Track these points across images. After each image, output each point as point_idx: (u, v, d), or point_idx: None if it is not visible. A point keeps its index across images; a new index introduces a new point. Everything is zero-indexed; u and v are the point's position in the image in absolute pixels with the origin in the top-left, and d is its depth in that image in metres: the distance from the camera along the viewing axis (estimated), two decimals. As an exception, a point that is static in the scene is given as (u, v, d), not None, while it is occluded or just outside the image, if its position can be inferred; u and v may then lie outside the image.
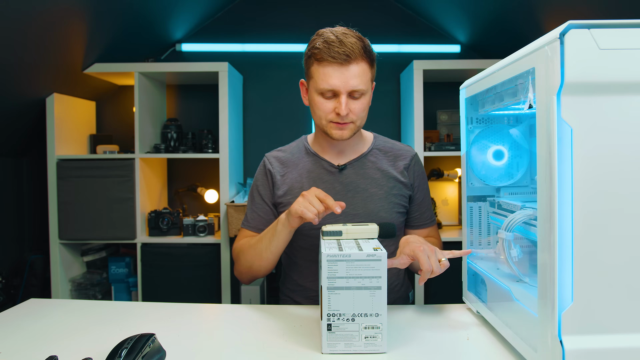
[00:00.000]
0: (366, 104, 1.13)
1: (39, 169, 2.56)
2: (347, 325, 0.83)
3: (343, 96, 1.08)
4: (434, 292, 2.42)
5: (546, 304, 0.68)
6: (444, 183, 2.77)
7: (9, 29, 1.72)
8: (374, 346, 0.83)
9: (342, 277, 0.82)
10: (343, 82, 1.07)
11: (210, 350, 0.86)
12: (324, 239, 0.94)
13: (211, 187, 2.70)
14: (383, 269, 0.82)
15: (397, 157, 1.26)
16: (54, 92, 2.30)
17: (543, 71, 0.68)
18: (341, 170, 1.22)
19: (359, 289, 0.82)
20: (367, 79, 1.10)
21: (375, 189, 1.21)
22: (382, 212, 1.20)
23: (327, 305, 0.83)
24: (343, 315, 0.83)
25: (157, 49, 2.77)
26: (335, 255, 0.82)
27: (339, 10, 2.82)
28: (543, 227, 0.68)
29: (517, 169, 1.00)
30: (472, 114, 1.08)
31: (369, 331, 0.83)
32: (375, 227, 0.96)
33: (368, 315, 0.83)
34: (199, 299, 2.34)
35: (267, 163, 1.29)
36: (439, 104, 2.71)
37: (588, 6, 1.83)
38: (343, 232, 0.94)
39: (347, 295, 0.82)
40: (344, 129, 1.13)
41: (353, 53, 1.05)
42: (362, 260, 0.82)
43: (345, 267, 0.82)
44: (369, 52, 1.10)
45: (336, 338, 0.83)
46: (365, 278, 0.82)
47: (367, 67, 1.09)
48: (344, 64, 1.06)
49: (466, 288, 1.08)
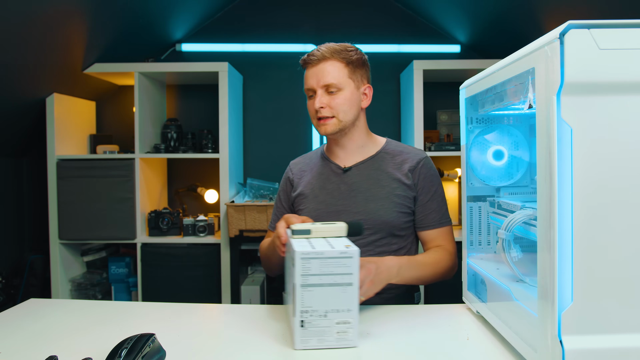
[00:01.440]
0: (345, 98, 1.22)
1: (39, 169, 2.56)
2: (320, 321, 0.85)
3: (318, 91, 1.21)
4: (434, 292, 2.42)
5: (546, 304, 0.68)
6: (444, 183, 2.77)
7: (9, 29, 1.72)
8: (345, 340, 0.85)
9: (315, 275, 0.84)
10: (316, 80, 1.22)
11: (210, 350, 0.86)
12: (293, 238, 0.95)
13: (211, 187, 2.70)
14: (354, 265, 0.84)
15: (404, 160, 1.29)
16: (54, 92, 2.30)
17: (543, 71, 0.68)
18: (346, 172, 1.29)
19: (331, 286, 0.84)
20: (341, 74, 1.21)
21: (377, 190, 1.25)
22: (381, 211, 1.23)
23: (301, 302, 0.84)
24: (316, 311, 0.85)
25: (157, 49, 2.77)
26: (309, 253, 0.84)
27: (339, 10, 2.82)
28: (543, 227, 0.68)
29: (517, 169, 1.00)
30: (472, 114, 1.08)
31: (341, 326, 0.85)
32: (344, 225, 0.98)
33: (340, 310, 0.85)
34: (199, 299, 2.34)
35: (289, 170, 1.43)
36: (439, 104, 2.71)
37: (588, 6, 1.83)
38: (312, 231, 0.96)
39: (320, 292, 0.84)
40: (326, 124, 1.23)
41: (322, 53, 1.21)
42: (335, 258, 0.84)
43: (318, 264, 0.84)
44: (345, 52, 1.22)
45: (309, 334, 0.85)
46: (337, 275, 0.84)
47: (340, 64, 1.22)
48: (316, 64, 1.22)
49: (466, 288, 1.08)
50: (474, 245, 1.09)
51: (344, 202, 1.26)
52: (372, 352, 0.85)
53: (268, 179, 2.61)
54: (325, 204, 1.28)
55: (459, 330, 0.95)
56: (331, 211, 1.27)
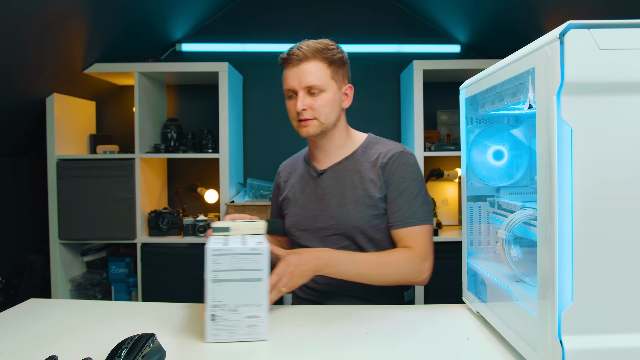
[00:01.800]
0: (327, 100, 1.19)
1: (39, 169, 2.56)
2: (230, 315, 0.88)
3: (300, 93, 1.18)
4: (434, 292, 2.42)
5: (546, 304, 0.68)
6: (444, 183, 2.77)
7: (9, 28, 1.72)
8: (255, 334, 0.88)
9: (226, 270, 0.87)
10: (297, 80, 1.18)
11: (210, 350, 0.86)
12: (213, 235, 0.99)
13: (211, 187, 2.70)
14: (264, 262, 0.88)
15: (377, 157, 1.24)
16: (54, 92, 2.30)
17: (543, 71, 0.68)
18: (320, 175, 1.28)
19: (241, 281, 0.87)
20: (324, 75, 1.18)
21: (349, 192, 1.23)
22: (352, 214, 1.21)
23: (212, 297, 0.87)
24: (226, 305, 0.88)
25: (157, 49, 2.77)
26: (220, 249, 0.87)
27: (339, 10, 2.82)
28: (543, 227, 0.68)
29: (517, 169, 1.00)
30: (472, 114, 1.08)
31: (251, 320, 0.88)
32: (263, 223, 1.02)
33: (250, 305, 0.88)
34: (199, 299, 2.34)
35: (278, 174, 1.43)
36: (439, 104, 2.71)
37: (588, 6, 1.83)
38: (231, 228, 1.00)
39: (230, 287, 0.87)
40: (307, 125, 1.20)
41: (304, 53, 1.18)
42: (245, 254, 0.87)
43: (229, 260, 0.87)
44: (327, 52, 1.19)
45: (219, 327, 0.88)
46: (247, 271, 0.87)
47: (322, 64, 1.19)
48: (297, 64, 1.18)
49: (466, 288, 1.08)
50: (474, 245, 1.09)
51: (319, 206, 1.26)
52: (372, 352, 0.85)
53: (268, 179, 2.61)
54: (303, 209, 1.28)
55: (459, 330, 0.95)
56: (309, 215, 1.27)
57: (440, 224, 2.52)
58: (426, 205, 1.22)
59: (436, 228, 2.45)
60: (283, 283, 1.02)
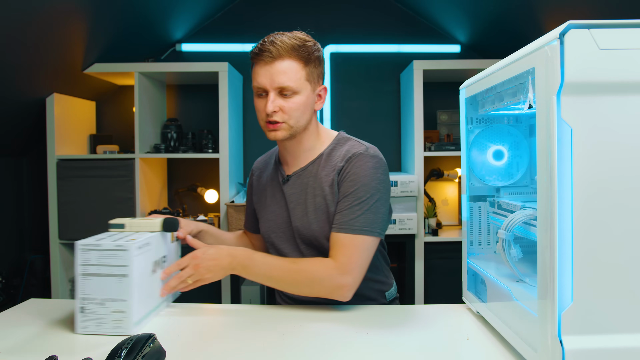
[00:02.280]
0: (300, 103, 1.10)
1: (39, 169, 2.56)
2: (98, 309, 0.91)
3: (271, 93, 1.08)
4: (434, 292, 2.42)
5: (546, 304, 0.68)
6: (444, 183, 2.77)
7: (9, 28, 1.72)
8: (121, 328, 0.91)
9: (94, 265, 0.91)
10: (269, 80, 1.08)
11: (210, 350, 0.86)
12: (109, 230, 1.04)
13: (211, 187, 2.70)
14: (129, 258, 0.90)
15: (337, 160, 1.14)
16: (54, 92, 2.30)
17: (543, 71, 0.68)
18: (285, 183, 1.20)
19: (108, 276, 0.91)
20: (298, 76, 1.08)
21: (310, 201, 1.14)
22: (314, 224, 1.12)
23: (81, 290, 0.91)
24: (94, 299, 0.91)
25: (157, 49, 2.77)
26: (88, 244, 0.91)
27: (339, 10, 2.82)
28: (543, 227, 0.68)
29: (517, 169, 1.00)
30: (472, 114, 1.08)
31: (117, 314, 0.91)
32: (158, 221, 1.05)
33: (116, 300, 0.91)
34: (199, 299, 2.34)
35: (251, 172, 1.36)
36: (439, 104, 2.71)
37: (588, 6, 1.83)
38: (126, 225, 1.04)
39: (97, 281, 0.91)
40: (277, 129, 1.11)
41: (278, 50, 1.07)
42: (111, 250, 0.90)
43: (96, 255, 0.90)
44: (303, 50, 1.09)
45: (88, 320, 0.91)
46: (113, 266, 0.90)
47: (297, 64, 1.08)
48: (269, 62, 1.07)
49: (466, 288, 1.08)
50: (474, 245, 1.09)
51: (287, 213, 1.19)
52: (372, 352, 0.85)
53: (268, 179, 2.61)
54: (274, 214, 1.22)
55: (459, 330, 0.95)
56: (279, 222, 1.20)
57: (440, 224, 2.52)
58: (372, 215, 1.07)
59: (436, 228, 2.45)
60: (187, 274, 1.04)
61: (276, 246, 1.22)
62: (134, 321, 0.91)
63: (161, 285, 1.06)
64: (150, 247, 0.99)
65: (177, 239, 1.17)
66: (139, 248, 0.93)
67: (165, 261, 1.08)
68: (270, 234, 1.22)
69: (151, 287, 1.00)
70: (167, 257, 1.10)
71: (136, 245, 0.92)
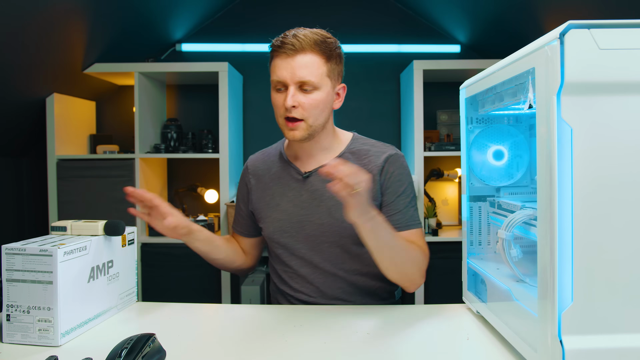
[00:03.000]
0: (319, 100, 1.08)
1: (39, 169, 2.56)
2: (24, 317, 0.87)
3: (291, 87, 1.06)
4: (434, 292, 2.42)
5: (546, 304, 0.68)
6: (444, 183, 2.77)
7: (9, 28, 1.72)
8: (47, 339, 0.86)
9: (19, 270, 0.86)
10: (290, 73, 1.06)
11: (210, 350, 0.86)
12: (51, 233, 1.00)
13: (211, 187, 2.70)
14: (54, 264, 0.85)
15: (370, 159, 1.16)
16: (54, 92, 2.30)
17: (543, 71, 0.68)
18: (306, 178, 1.17)
19: (33, 283, 0.86)
20: (320, 72, 1.07)
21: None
22: (345, 222, 1.08)
23: (7, 296, 0.87)
24: (20, 307, 0.87)
25: (157, 49, 2.77)
26: (13, 248, 0.86)
27: (339, 11, 2.82)
28: (543, 227, 0.68)
29: (517, 169, 1.00)
30: (472, 114, 1.08)
31: (42, 324, 0.86)
32: (101, 223, 1.01)
33: (41, 308, 0.86)
34: (199, 299, 2.34)
35: (248, 167, 1.29)
36: (439, 104, 2.71)
37: (588, 6, 1.83)
38: (67, 228, 1.00)
39: (22, 287, 0.86)
40: (295, 128, 1.09)
41: (301, 43, 1.05)
42: (35, 255, 0.86)
43: (21, 260, 0.86)
44: (325, 45, 1.07)
45: (14, 328, 0.87)
46: (38, 272, 0.86)
47: (319, 60, 1.07)
48: (291, 55, 1.05)
49: (466, 288, 1.08)
50: (474, 245, 1.09)
51: (306, 211, 1.16)
52: (372, 352, 0.85)
53: (268, 179, 2.61)
54: (287, 214, 1.18)
55: (459, 330, 0.95)
56: (294, 221, 1.17)
57: (440, 224, 2.52)
58: (417, 209, 1.19)
59: (436, 228, 2.45)
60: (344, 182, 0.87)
61: (288, 246, 1.19)
62: (61, 332, 0.87)
63: (105, 293, 1.01)
64: (86, 252, 0.94)
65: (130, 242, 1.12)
66: (67, 253, 0.88)
67: (112, 266, 1.04)
68: (282, 234, 1.18)
69: (88, 295, 0.95)
70: (116, 262, 1.05)
71: (63, 251, 0.87)
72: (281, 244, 1.20)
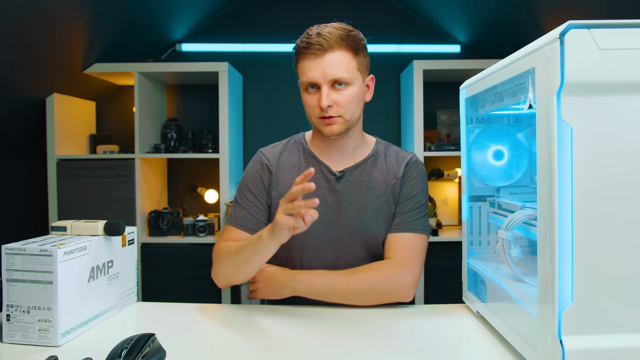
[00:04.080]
0: (354, 95, 1.08)
1: (39, 169, 2.56)
2: (24, 317, 0.87)
3: (324, 87, 1.05)
4: (434, 292, 2.42)
5: (546, 304, 0.68)
6: (444, 183, 2.77)
7: (9, 28, 1.72)
8: (47, 339, 0.86)
9: (19, 270, 0.86)
10: (321, 73, 1.04)
11: (210, 350, 0.86)
12: (51, 233, 1.00)
13: (211, 187, 2.70)
14: (54, 264, 0.85)
15: (393, 163, 1.19)
16: (54, 92, 2.30)
17: (543, 71, 0.68)
18: (339, 179, 1.15)
19: (33, 283, 0.86)
20: (350, 67, 1.06)
21: (371, 199, 1.14)
22: (373, 225, 1.13)
23: (7, 297, 0.87)
24: (20, 307, 0.87)
25: (157, 49, 2.77)
26: (13, 248, 0.86)
27: (339, 11, 2.82)
28: (543, 227, 0.68)
29: (517, 169, 1.00)
30: (472, 114, 1.08)
31: (42, 324, 0.86)
32: (101, 223, 1.00)
33: (41, 308, 0.86)
34: (199, 299, 2.34)
35: (264, 158, 1.20)
36: (439, 104, 2.71)
37: (588, 6, 1.83)
38: (67, 228, 1.00)
39: (22, 287, 0.86)
40: (332, 123, 1.08)
41: (328, 42, 1.03)
42: (35, 255, 0.86)
43: (21, 260, 0.86)
44: (351, 40, 1.06)
45: (14, 328, 0.87)
46: (38, 272, 0.86)
47: (348, 55, 1.06)
48: (320, 54, 1.04)
49: (466, 288, 1.08)
50: (474, 245, 1.09)
51: (335, 212, 1.14)
52: (372, 352, 0.85)
53: (268, 179, 2.61)
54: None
55: (459, 330, 0.95)
56: (320, 222, 1.11)
57: (440, 224, 2.52)
58: (427, 217, 1.16)
59: (436, 228, 2.45)
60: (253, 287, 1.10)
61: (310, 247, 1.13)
62: (61, 332, 0.86)
63: (105, 293, 1.00)
64: (86, 252, 0.94)
65: (130, 242, 1.11)
66: (67, 253, 0.88)
67: (112, 266, 1.03)
68: (308, 235, 1.12)
69: (88, 295, 0.95)
70: (116, 262, 1.05)
71: (63, 251, 0.87)
72: (307, 245, 1.14)
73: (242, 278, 1.06)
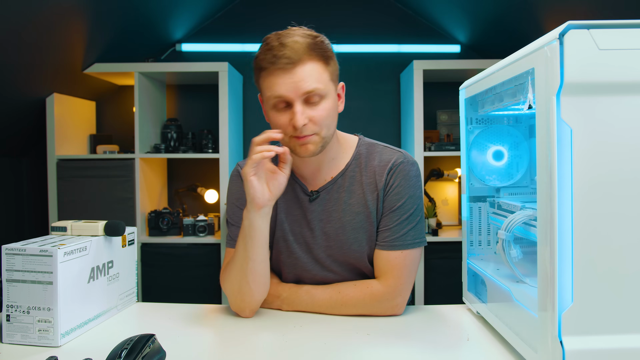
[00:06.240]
0: (329, 109, 0.97)
1: (38, 169, 2.56)
2: (24, 317, 0.87)
3: (297, 104, 0.93)
4: (434, 292, 2.42)
5: (546, 305, 0.68)
6: (444, 183, 2.77)
7: (9, 28, 1.72)
8: (47, 339, 0.86)
9: (19, 270, 0.86)
10: (293, 88, 0.93)
11: (210, 350, 0.86)
12: (51, 233, 1.00)
13: (211, 187, 2.70)
14: (54, 264, 0.85)
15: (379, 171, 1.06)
16: (54, 92, 2.30)
17: (542, 71, 0.68)
18: (312, 200, 1.07)
19: (33, 283, 0.86)
20: (323, 78, 0.95)
21: (349, 218, 1.05)
22: (354, 244, 1.05)
23: (7, 297, 0.87)
24: (20, 307, 0.87)
25: (157, 49, 2.77)
26: (13, 249, 0.86)
27: (339, 10, 2.82)
28: (543, 227, 0.68)
29: (517, 169, 1.00)
30: (471, 114, 1.07)
31: (42, 324, 0.86)
32: (101, 224, 1.00)
33: (41, 309, 0.86)
34: (199, 299, 2.34)
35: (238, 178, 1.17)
36: (439, 104, 2.71)
37: (588, 6, 1.83)
38: (67, 228, 1.00)
39: (22, 288, 0.86)
40: (308, 142, 0.96)
41: (297, 53, 0.92)
42: (35, 255, 0.86)
43: (21, 260, 0.86)
44: (319, 48, 0.95)
45: (14, 329, 0.87)
46: (38, 273, 0.86)
47: (319, 65, 0.95)
48: (289, 69, 0.93)
49: (466, 288, 1.08)
50: (474, 246, 1.09)
51: (309, 233, 1.07)
52: (372, 352, 0.85)
53: (268, 179, 2.61)
54: (293, 234, 1.08)
55: (459, 331, 0.95)
56: (301, 243, 1.08)
57: (440, 224, 2.52)
58: (419, 225, 1.05)
59: (436, 228, 2.45)
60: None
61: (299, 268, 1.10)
62: (61, 332, 0.86)
63: (105, 293, 1.00)
64: (86, 252, 0.94)
65: (130, 243, 1.11)
66: (67, 254, 0.87)
67: (112, 267, 1.03)
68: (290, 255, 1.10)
69: (88, 296, 0.94)
70: (116, 262, 1.05)
71: (64, 251, 0.87)
72: (293, 265, 1.11)
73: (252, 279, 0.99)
